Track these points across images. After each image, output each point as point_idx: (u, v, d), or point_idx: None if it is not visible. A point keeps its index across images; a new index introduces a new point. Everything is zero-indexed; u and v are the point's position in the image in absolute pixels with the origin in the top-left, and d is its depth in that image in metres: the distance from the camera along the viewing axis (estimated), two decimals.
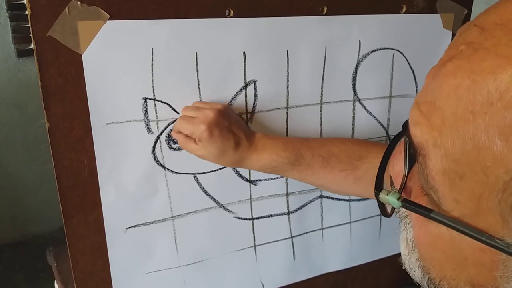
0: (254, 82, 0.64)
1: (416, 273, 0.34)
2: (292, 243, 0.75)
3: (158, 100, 0.59)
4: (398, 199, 0.30)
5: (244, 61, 0.62)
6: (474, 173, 0.24)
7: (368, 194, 0.62)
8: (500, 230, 0.24)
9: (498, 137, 0.23)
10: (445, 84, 0.26)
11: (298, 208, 0.74)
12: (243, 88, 0.64)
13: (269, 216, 0.72)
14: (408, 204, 0.30)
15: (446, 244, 0.29)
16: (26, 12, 0.50)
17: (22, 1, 1.93)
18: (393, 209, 0.33)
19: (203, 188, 0.66)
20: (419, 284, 0.35)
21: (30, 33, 0.51)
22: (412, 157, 0.29)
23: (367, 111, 0.73)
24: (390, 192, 0.31)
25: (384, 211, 0.34)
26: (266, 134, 0.63)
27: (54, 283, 0.84)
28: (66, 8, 0.51)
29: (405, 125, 0.30)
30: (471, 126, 0.24)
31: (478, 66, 0.24)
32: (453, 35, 0.75)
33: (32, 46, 0.51)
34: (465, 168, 0.25)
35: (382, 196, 0.31)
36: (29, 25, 0.50)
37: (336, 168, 0.61)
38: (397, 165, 0.32)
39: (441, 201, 0.27)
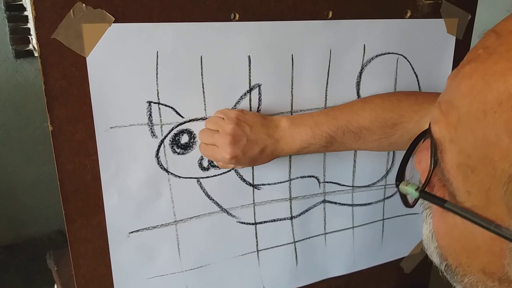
0: (259, 86, 0.64)
1: (434, 260, 0.36)
2: (295, 248, 0.75)
3: (162, 104, 0.58)
4: (416, 190, 0.33)
5: (249, 65, 0.62)
6: (483, 166, 0.26)
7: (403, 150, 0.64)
8: (507, 220, 0.26)
9: (505, 134, 0.25)
10: (462, 85, 0.28)
11: (301, 213, 0.73)
12: (248, 92, 0.63)
13: (272, 221, 0.71)
14: (425, 194, 0.32)
15: (461, 233, 0.31)
16: (25, 13, 0.50)
17: (21, 2, 1.92)
18: (415, 200, 0.36)
19: (207, 193, 0.65)
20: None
21: (28, 34, 0.50)
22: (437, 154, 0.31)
23: None
24: (410, 183, 0.34)
25: (405, 201, 0.36)
26: (291, 120, 0.62)
27: (53, 287, 0.83)
28: (71, 11, 0.51)
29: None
30: (482, 124, 0.26)
31: (491, 69, 0.26)
32: (457, 40, 0.75)
33: (33, 48, 0.51)
34: (476, 162, 0.27)
35: (402, 187, 0.34)
36: (27, 26, 0.50)
37: (369, 139, 0.62)
38: (424, 161, 0.34)
39: (456, 193, 0.29)
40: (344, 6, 0.65)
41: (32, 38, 1.93)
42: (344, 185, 0.75)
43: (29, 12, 1.88)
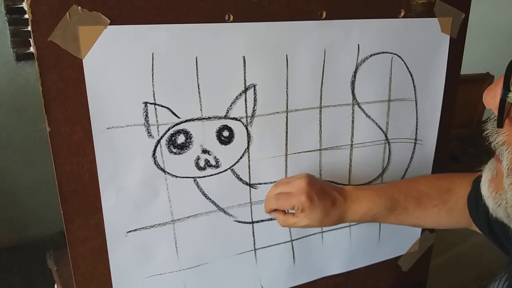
0: (254, 86, 0.64)
1: (508, 197, 0.39)
2: (292, 247, 0.76)
3: (158, 105, 0.59)
4: None
5: (244, 66, 0.63)
6: None
7: (462, 223, 0.67)
8: None
9: None
10: None
11: None
12: (243, 93, 0.64)
13: (269, 220, 0.72)
14: None
15: None
16: (25, 16, 0.50)
17: (21, 5, 1.93)
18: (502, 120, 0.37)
19: (203, 192, 0.66)
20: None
21: (29, 37, 0.51)
22: None
23: (366, 114, 0.74)
24: None
25: (501, 119, 0.38)
26: (354, 186, 0.68)
27: (53, 286, 0.84)
28: (67, 13, 0.51)
29: None
30: None
31: None
32: (451, 39, 0.76)
33: (33, 51, 0.51)
34: None
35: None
36: (28, 29, 0.51)
37: (429, 205, 0.66)
38: (493, 99, 0.37)
39: None
40: (337, 6, 0.66)
41: None
42: (340, 184, 0.76)
43: None
